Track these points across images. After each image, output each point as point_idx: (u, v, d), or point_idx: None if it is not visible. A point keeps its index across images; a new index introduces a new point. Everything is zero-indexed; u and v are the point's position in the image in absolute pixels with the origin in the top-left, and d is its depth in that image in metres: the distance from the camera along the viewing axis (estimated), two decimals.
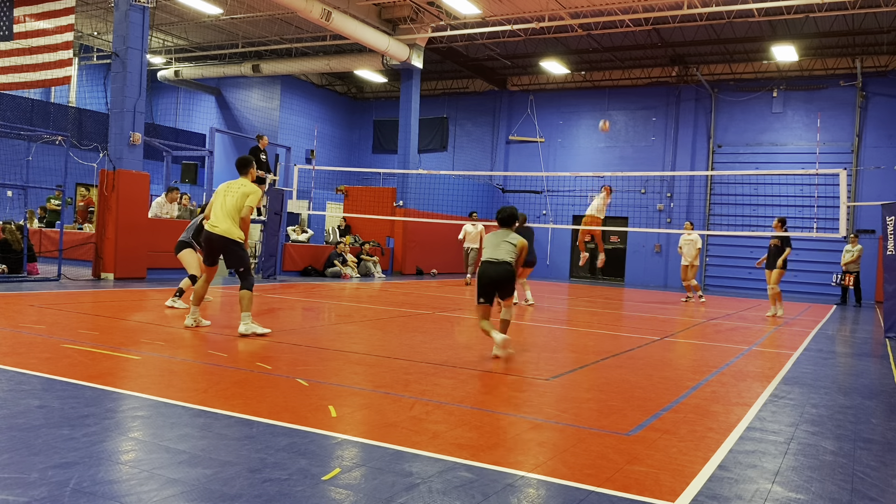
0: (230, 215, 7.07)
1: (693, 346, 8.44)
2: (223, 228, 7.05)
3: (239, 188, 7.19)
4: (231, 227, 7.07)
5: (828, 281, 20.21)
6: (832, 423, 4.65)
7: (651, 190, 23.56)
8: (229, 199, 7.12)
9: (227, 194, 7.16)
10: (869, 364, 7.59)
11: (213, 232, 7.11)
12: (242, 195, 7.13)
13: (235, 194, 7.13)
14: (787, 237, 12.52)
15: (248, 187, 7.21)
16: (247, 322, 6.91)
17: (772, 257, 12.62)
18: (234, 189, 7.19)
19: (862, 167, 20.81)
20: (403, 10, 19.17)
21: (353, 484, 3.01)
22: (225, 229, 7.05)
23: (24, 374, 4.64)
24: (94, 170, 13.25)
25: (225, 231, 7.05)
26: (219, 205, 7.16)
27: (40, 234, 15.00)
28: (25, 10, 11.93)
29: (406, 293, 13.63)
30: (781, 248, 12.41)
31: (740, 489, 3.25)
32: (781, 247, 12.42)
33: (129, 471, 3.02)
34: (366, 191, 21.99)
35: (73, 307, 8.34)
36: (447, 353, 6.62)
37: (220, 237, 7.06)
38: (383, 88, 27.90)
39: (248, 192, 7.17)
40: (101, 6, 20.26)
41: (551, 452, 3.63)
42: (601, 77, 24.71)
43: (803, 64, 21.59)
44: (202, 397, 4.35)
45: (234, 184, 7.28)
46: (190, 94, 27.70)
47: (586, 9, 17.83)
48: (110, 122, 12.96)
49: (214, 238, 7.11)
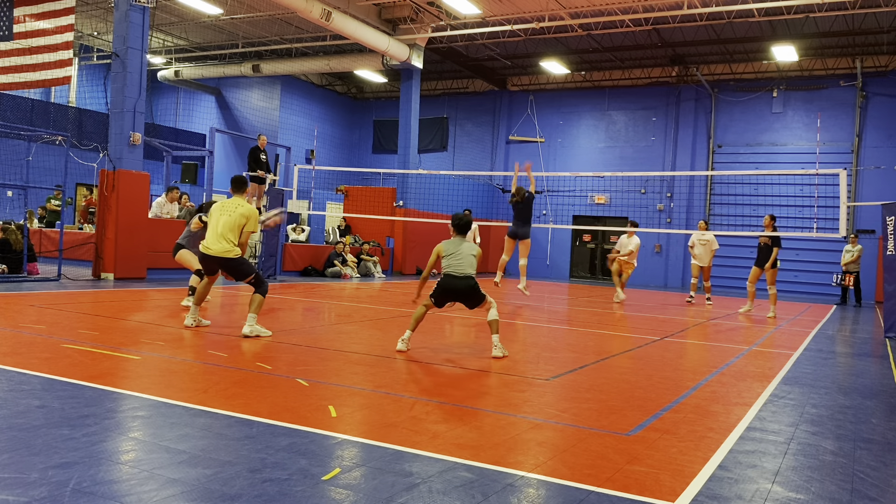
0: (224, 236, 6.92)
1: (693, 346, 8.44)
2: (218, 250, 6.95)
3: (236, 208, 7.02)
4: (226, 247, 6.93)
5: (828, 281, 20.22)
6: (832, 423, 4.65)
7: (651, 190, 23.56)
8: (224, 218, 6.96)
9: (222, 213, 7.01)
10: (869, 364, 7.59)
11: (207, 254, 7.02)
12: (240, 216, 6.98)
13: (233, 214, 6.98)
14: (777, 236, 12.41)
15: (245, 208, 7.05)
16: (251, 324, 6.83)
17: (761, 255, 12.56)
18: (232, 207, 7.04)
19: (862, 167, 20.81)
20: (403, 10, 19.18)
21: (353, 484, 3.01)
22: (220, 250, 6.94)
23: (24, 374, 4.64)
24: (95, 170, 13.26)
25: (220, 252, 6.94)
26: (213, 225, 7.02)
27: (40, 234, 15.00)
28: (25, 10, 11.93)
29: (406, 293, 13.63)
30: (771, 248, 12.29)
31: (740, 489, 3.25)
32: (771, 246, 12.30)
33: (129, 471, 3.02)
34: (366, 191, 22.00)
35: (73, 307, 8.34)
36: (447, 353, 6.62)
37: (218, 258, 6.98)
38: (383, 88, 27.91)
39: (246, 214, 7.01)
40: (101, 6, 20.26)
41: (551, 452, 3.63)
42: (601, 77, 24.71)
43: (803, 64, 21.59)
44: (202, 397, 4.35)
45: (230, 203, 7.12)
46: (190, 94, 27.71)
47: (586, 9, 17.84)
48: (110, 122, 12.96)
49: (211, 258, 7.02)
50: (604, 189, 24.04)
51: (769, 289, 12.77)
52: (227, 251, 6.94)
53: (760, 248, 12.61)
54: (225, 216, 6.99)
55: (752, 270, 12.87)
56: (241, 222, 7.00)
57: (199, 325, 7.17)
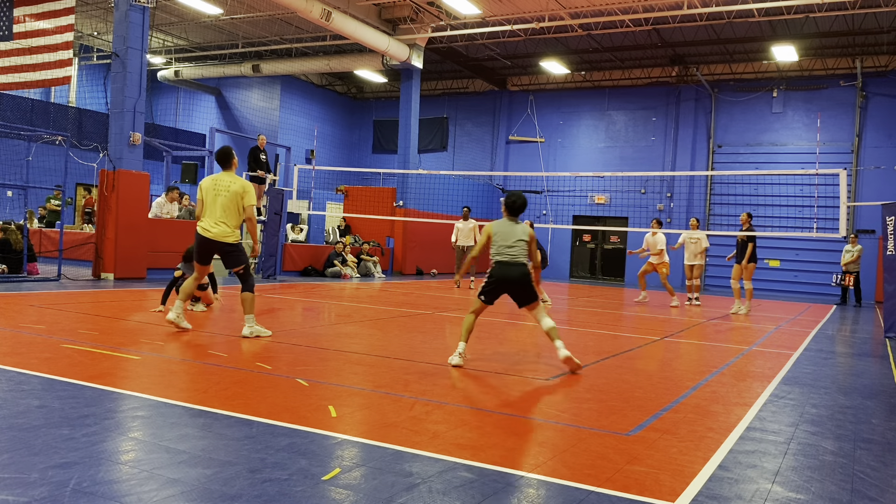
0: (224, 218, 6.70)
1: (693, 346, 8.44)
2: (216, 233, 6.71)
3: (229, 186, 6.75)
4: (225, 230, 6.72)
5: (828, 281, 20.22)
6: (832, 423, 4.65)
7: (651, 190, 23.55)
8: (222, 198, 6.70)
9: (216, 193, 6.73)
10: (869, 364, 7.59)
11: (205, 236, 6.75)
12: (235, 194, 6.72)
13: (227, 194, 6.71)
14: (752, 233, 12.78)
15: (239, 183, 6.77)
16: (251, 324, 6.77)
17: (740, 252, 12.87)
18: (223, 187, 6.75)
19: (862, 167, 20.81)
20: (403, 10, 19.17)
21: (353, 484, 3.01)
22: (218, 233, 6.71)
23: (24, 374, 4.64)
24: (94, 170, 13.25)
25: (218, 235, 6.71)
26: (209, 206, 6.74)
27: (40, 234, 15.00)
28: (25, 10, 11.93)
29: (406, 293, 13.63)
30: (746, 244, 12.65)
31: (740, 489, 3.25)
32: (747, 241, 12.65)
33: (129, 471, 3.02)
34: (366, 191, 22.00)
35: (73, 307, 8.34)
36: (447, 353, 6.61)
37: (215, 241, 6.74)
38: (383, 88, 27.90)
39: (241, 191, 6.73)
40: (101, 6, 20.26)
41: (551, 452, 3.63)
42: (601, 77, 24.71)
43: (803, 64, 21.59)
44: (202, 397, 4.35)
45: (221, 181, 6.80)
46: (190, 94, 27.70)
47: (586, 9, 17.83)
48: (110, 122, 12.96)
49: (208, 242, 6.76)
50: (604, 189, 24.04)
51: (745, 284, 13.06)
52: (226, 235, 6.73)
53: (739, 246, 12.92)
54: (221, 197, 6.71)
55: (734, 268, 13.10)
56: (237, 201, 6.73)
57: (179, 325, 6.80)
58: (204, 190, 6.82)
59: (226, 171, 6.92)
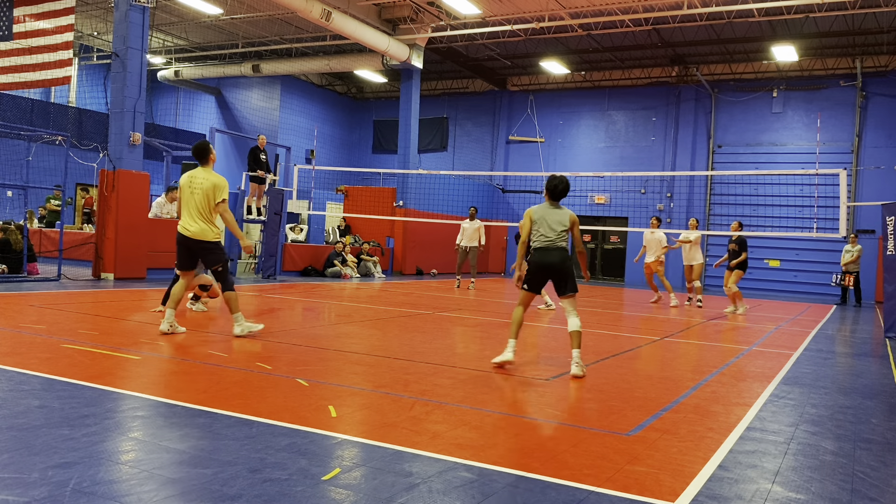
0: (201, 215, 6.61)
1: (693, 346, 8.44)
2: (195, 231, 6.61)
3: (202, 182, 6.63)
4: (203, 227, 6.62)
5: (828, 281, 20.22)
6: (832, 423, 4.65)
7: (651, 190, 23.55)
8: (197, 196, 6.59)
9: (192, 191, 6.63)
10: (869, 364, 7.59)
11: (185, 235, 6.65)
12: (205, 193, 6.59)
13: (201, 190, 6.60)
14: (744, 242, 12.91)
15: (209, 181, 6.64)
16: (240, 322, 6.72)
17: (732, 259, 13.08)
18: (197, 183, 6.64)
19: (862, 167, 20.81)
20: (403, 10, 19.18)
21: (353, 484, 3.01)
22: (197, 231, 6.61)
23: (24, 374, 4.64)
24: (94, 170, 13.26)
25: (197, 233, 6.62)
26: (185, 204, 6.65)
27: (40, 234, 15.01)
28: (25, 10, 11.94)
29: (406, 293, 13.63)
30: (738, 252, 12.85)
31: (740, 489, 3.25)
32: (738, 251, 12.85)
33: (129, 471, 3.02)
34: (366, 191, 22.00)
35: (73, 307, 8.34)
36: (447, 353, 6.62)
37: (194, 240, 6.65)
38: (383, 88, 27.91)
39: (214, 184, 6.61)
40: (101, 6, 20.26)
41: (551, 452, 3.63)
42: (601, 77, 24.71)
43: (803, 64, 21.59)
44: (202, 397, 4.34)
45: (196, 176, 6.70)
46: (190, 94, 27.71)
47: (586, 9, 17.84)
48: (110, 122, 12.96)
49: (188, 241, 6.68)
50: (604, 189, 24.04)
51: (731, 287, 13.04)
52: (203, 233, 6.63)
53: (730, 253, 13.13)
54: (196, 195, 6.62)
55: (726, 274, 13.24)
56: (210, 197, 6.61)
57: (174, 332, 6.68)
58: (181, 188, 6.76)
59: (203, 166, 6.81)
